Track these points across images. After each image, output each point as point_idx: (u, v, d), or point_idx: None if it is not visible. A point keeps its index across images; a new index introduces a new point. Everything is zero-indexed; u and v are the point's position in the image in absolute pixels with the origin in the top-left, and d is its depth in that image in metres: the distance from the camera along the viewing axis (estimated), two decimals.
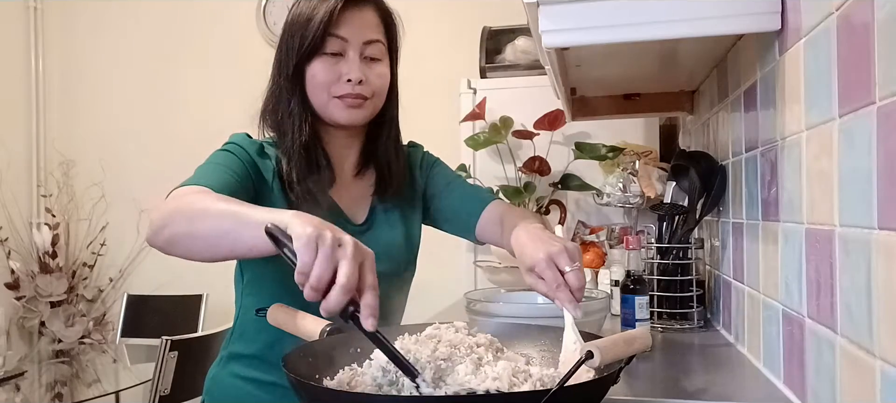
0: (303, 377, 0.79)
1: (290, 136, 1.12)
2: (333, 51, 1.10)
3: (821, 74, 0.80)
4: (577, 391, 0.72)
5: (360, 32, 1.11)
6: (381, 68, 1.14)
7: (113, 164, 3.51)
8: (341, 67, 1.10)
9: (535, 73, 2.33)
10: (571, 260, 0.89)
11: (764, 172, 1.09)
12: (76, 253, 3.57)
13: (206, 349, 2.39)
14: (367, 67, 1.12)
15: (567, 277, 0.89)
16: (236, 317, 1.20)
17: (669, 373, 1.18)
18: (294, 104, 1.12)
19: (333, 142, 1.17)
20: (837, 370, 0.77)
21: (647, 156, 2.18)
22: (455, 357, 0.79)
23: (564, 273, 0.89)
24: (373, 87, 1.12)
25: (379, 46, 1.13)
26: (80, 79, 3.67)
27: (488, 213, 1.19)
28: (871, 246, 0.67)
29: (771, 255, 1.05)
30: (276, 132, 1.15)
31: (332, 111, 1.12)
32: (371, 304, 0.72)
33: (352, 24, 1.10)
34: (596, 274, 1.91)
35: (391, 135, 1.21)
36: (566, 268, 0.89)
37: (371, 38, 1.12)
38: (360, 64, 1.10)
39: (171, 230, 0.89)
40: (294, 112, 1.12)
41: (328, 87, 1.10)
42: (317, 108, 1.13)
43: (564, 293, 0.89)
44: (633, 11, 1.01)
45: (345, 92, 1.10)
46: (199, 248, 0.88)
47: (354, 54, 1.10)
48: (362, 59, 1.11)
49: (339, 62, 1.10)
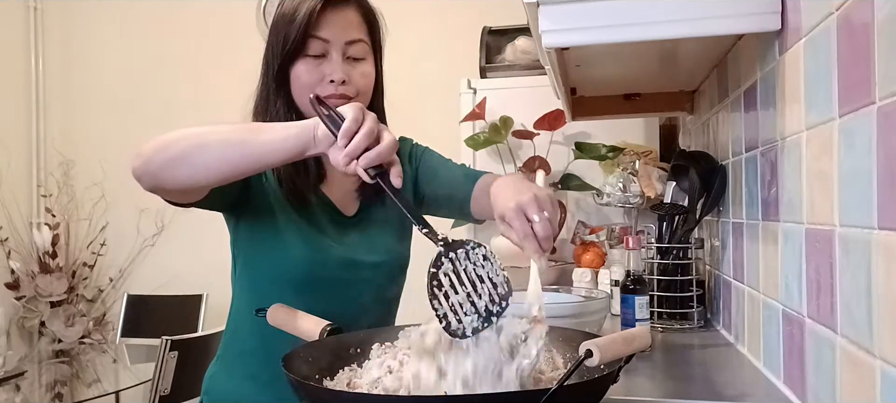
0: (303, 377, 0.79)
1: None
2: (315, 52, 1.10)
3: (821, 74, 0.80)
4: (577, 390, 0.72)
5: (341, 33, 1.10)
6: (365, 67, 1.14)
7: (113, 164, 3.51)
8: (324, 68, 1.10)
9: (535, 73, 2.33)
10: (540, 209, 0.88)
11: (764, 172, 1.09)
12: (76, 253, 3.56)
13: (206, 349, 2.39)
14: (351, 67, 1.11)
15: (534, 227, 0.88)
16: (230, 314, 1.21)
17: (669, 373, 1.18)
18: (280, 104, 1.12)
19: None
20: (837, 370, 0.77)
21: (647, 156, 2.18)
22: None
23: (533, 222, 0.88)
24: (357, 87, 1.12)
25: (362, 46, 1.13)
26: (80, 80, 3.67)
27: (480, 185, 1.18)
28: (871, 247, 0.67)
29: (771, 255, 1.05)
30: None
31: None
32: (398, 170, 0.86)
33: (333, 24, 1.09)
34: (596, 274, 1.91)
35: None
36: (534, 218, 0.88)
37: (353, 37, 1.11)
38: (343, 64, 1.10)
39: (179, 147, 0.91)
40: (280, 112, 1.12)
41: (312, 88, 1.09)
42: (302, 109, 1.12)
43: (531, 242, 0.88)
44: (633, 11, 1.01)
45: (328, 92, 1.09)
46: (204, 164, 0.91)
47: (337, 55, 1.10)
48: (345, 59, 1.11)
49: (321, 63, 1.10)
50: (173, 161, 0.92)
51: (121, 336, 3.31)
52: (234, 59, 3.36)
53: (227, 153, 0.91)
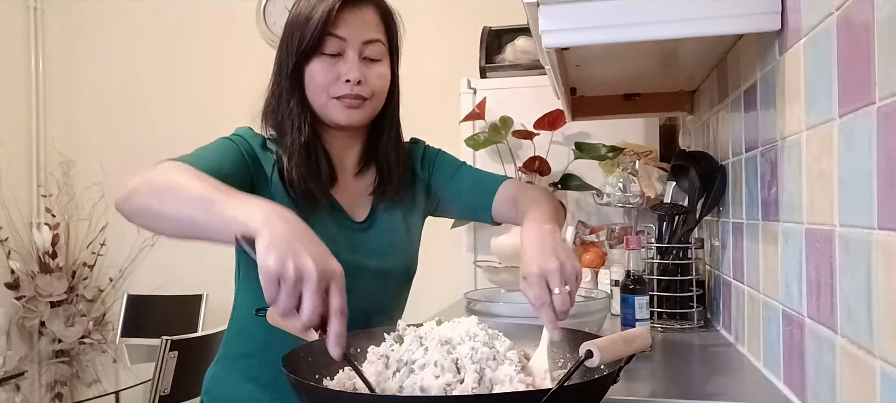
0: (303, 377, 0.79)
1: (290, 136, 1.11)
2: (332, 51, 1.09)
3: (821, 74, 0.80)
4: (577, 390, 0.72)
5: (359, 32, 1.09)
6: (381, 68, 1.13)
7: (113, 164, 3.51)
8: (340, 68, 1.09)
9: (535, 73, 2.33)
10: (562, 282, 0.88)
11: (764, 172, 1.09)
12: (76, 253, 3.56)
13: (206, 349, 2.39)
14: (367, 68, 1.10)
15: (554, 297, 0.88)
16: (232, 315, 1.20)
17: (669, 373, 1.18)
18: (293, 104, 1.11)
19: (334, 142, 1.17)
20: (837, 370, 0.77)
21: (647, 156, 2.18)
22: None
23: (552, 293, 0.88)
24: (372, 88, 1.11)
25: (378, 46, 1.12)
26: (81, 80, 3.67)
27: (502, 194, 1.19)
28: (871, 246, 0.67)
29: (771, 255, 1.05)
30: (277, 131, 1.14)
31: (331, 112, 1.11)
32: (337, 332, 0.72)
33: (351, 23, 1.08)
34: (596, 274, 1.91)
35: (392, 134, 1.20)
36: (555, 290, 0.88)
37: (370, 37, 1.10)
38: (359, 64, 1.09)
39: (139, 202, 0.87)
40: (293, 112, 1.11)
41: (327, 88, 1.09)
42: (316, 109, 1.12)
43: (547, 313, 0.88)
44: (633, 11, 1.01)
45: (343, 92, 1.09)
46: (163, 228, 0.87)
47: (353, 54, 1.09)
48: (361, 59, 1.10)
49: (337, 62, 1.09)
50: (135, 216, 0.89)
51: (121, 337, 3.31)
52: (235, 58, 3.38)
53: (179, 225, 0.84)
